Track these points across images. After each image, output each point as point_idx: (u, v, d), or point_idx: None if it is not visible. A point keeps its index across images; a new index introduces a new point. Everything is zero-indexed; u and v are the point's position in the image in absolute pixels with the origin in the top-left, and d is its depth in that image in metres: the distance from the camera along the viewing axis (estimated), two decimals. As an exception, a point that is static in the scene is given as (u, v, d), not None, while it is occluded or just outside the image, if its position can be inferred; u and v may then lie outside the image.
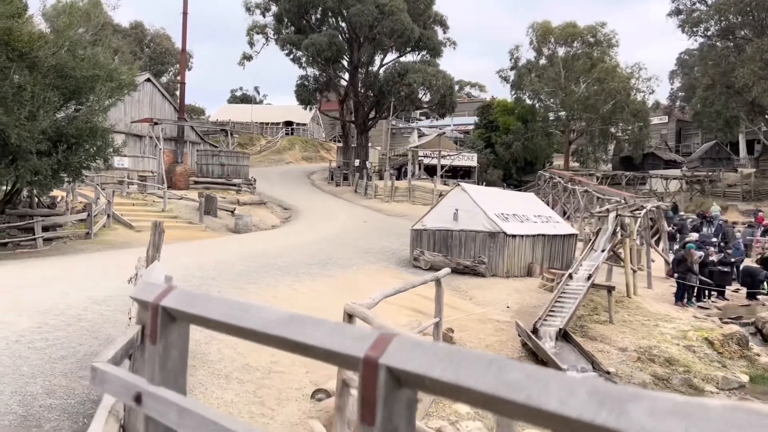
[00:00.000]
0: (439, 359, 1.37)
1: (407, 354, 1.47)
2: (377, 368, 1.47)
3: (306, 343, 1.74)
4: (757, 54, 31.46)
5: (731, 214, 36.22)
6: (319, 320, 1.79)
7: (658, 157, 51.24)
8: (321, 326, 1.76)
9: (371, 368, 1.49)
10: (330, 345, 1.67)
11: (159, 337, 2.36)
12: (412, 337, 1.64)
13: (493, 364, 1.23)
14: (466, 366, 1.27)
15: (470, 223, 15.95)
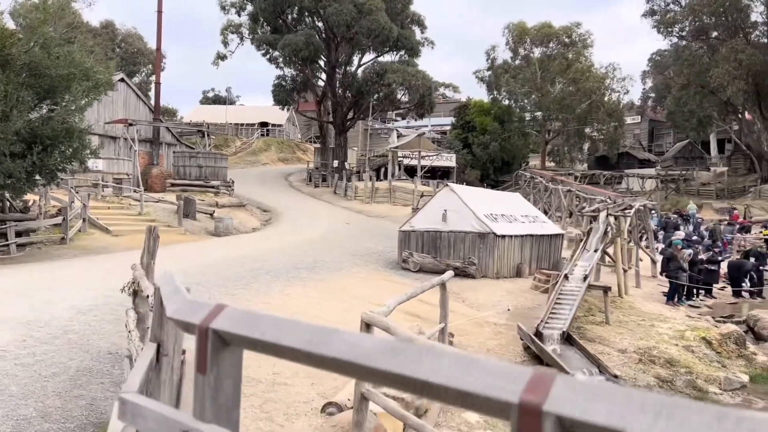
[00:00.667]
0: (636, 407, 1.06)
1: (580, 398, 1.16)
2: (540, 417, 1.16)
3: (424, 381, 1.42)
4: (731, 54, 31.96)
5: (706, 212, 36.74)
6: (434, 349, 1.47)
7: (632, 157, 51.87)
8: (440, 357, 1.44)
9: (531, 417, 1.18)
10: (461, 384, 1.35)
11: (210, 366, 2.01)
12: (579, 378, 1.32)
13: (725, 420, 0.93)
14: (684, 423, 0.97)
15: (459, 224, 15.74)
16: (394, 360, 1.51)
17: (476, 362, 1.40)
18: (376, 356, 1.56)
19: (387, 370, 1.50)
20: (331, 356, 1.66)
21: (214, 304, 2.11)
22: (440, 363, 1.40)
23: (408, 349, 1.52)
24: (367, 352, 1.57)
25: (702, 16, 35.25)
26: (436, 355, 1.42)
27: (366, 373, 1.60)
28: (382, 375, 1.54)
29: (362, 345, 1.60)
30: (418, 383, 1.42)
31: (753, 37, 34.77)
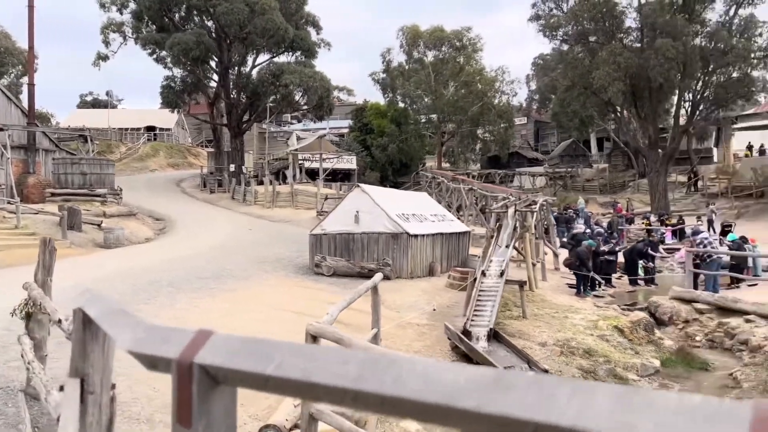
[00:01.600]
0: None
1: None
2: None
3: (552, 424, 0.96)
4: (611, 57, 34.06)
5: (591, 206, 38.98)
6: (561, 382, 1.03)
7: (522, 156, 54.22)
8: (584, 392, 0.98)
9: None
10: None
11: (197, 416, 1.45)
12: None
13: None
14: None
15: (372, 225, 15.44)
16: (505, 398, 1.03)
17: (644, 396, 0.96)
18: (474, 394, 1.08)
19: (499, 414, 1.02)
20: (400, 397, 1.15)
21: (194, 330, 1.54)
22: (593, 399, 0.94)
23: (520, 382, 1.05)
24: (459, 388, 1.09)
25: (583, 21, 37.33)
26: (568, 387, 0.98)
27: (459, 417, 1.12)
28: (487, 420, 1.05)
29: (447, 379, 1.12)
30: (546, 428, 0.97)
31: (628, 41, 37.30)
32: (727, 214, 31.69)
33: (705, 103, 36.95)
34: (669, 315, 13.38)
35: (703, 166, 41.32)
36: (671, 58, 32.79)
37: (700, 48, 34.75)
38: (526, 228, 14.51)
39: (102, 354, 2.73)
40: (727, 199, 35.30)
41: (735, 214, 31.44)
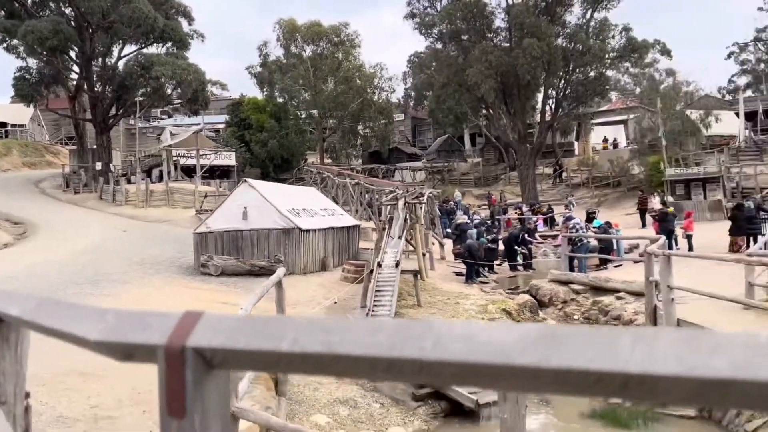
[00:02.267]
0: None
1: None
2: None
3: (631, 374, 0.94)
4: (483, 56, 35.72)
5: (468, 198, 40.75)
6: (607, 331, 1.01)
7: (401, 152, 55.42)
8: (646, 340, 0.98)
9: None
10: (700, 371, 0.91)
11: (191, 405, 1.28)
12: None
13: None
14: None
15: (262, 221, 15.04)
16: (566, 352, 0.99)
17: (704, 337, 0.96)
18: (531, 350, 1.03)
19: (563, 368, 0.97)
20: (443, 360, 1.07)
21: (178, 313, 1.36)
22: (657, 345, 0.93)
23: (576, 334, 1.02)
24: (513, 346, 1.03)
25: (456, 20, 38.80)
26: (628, 334, 0.96)
27: (515, 375, 1.06)
28: (548, 375, 1.01)
29: (496, 338, 1.06)
30: (614, 378, 0.94)
31: (498, 40, 39.32)
32: (589, 203, 34.44)
33: (567, 99, 39.82)
34: (549, 296, 14.26)
35: (567, 159, 44.53)
36: (537, 57, 34.96)
37: (563, 48, 37.36)
38: (416, 219, 14.84)
39: (15, 359, 2.38)
40: (588, 188, 38.32)
41: (596, 203, 34.20)
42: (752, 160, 30.87)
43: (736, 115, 39.17)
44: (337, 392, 7.40)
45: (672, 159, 31.02)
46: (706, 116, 34.13)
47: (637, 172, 36.03)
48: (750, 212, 17.47)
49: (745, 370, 0.80)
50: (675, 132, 33.46)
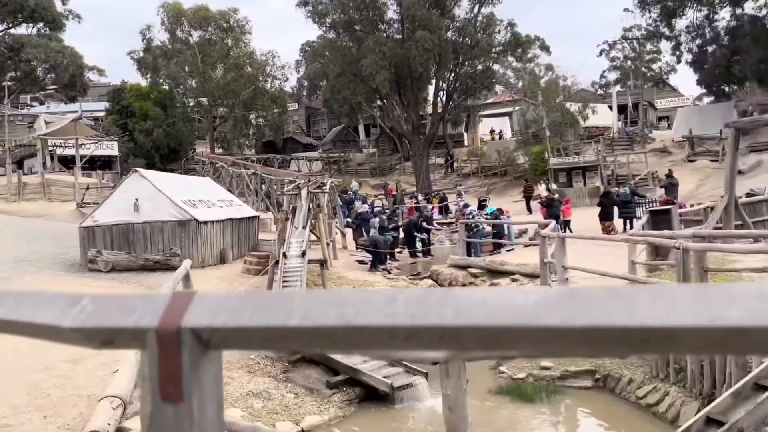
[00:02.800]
0: None
1: None
2: None
3: (646, 327, 1.02)
4: (377, 46, 36.02)
5: (365, 188, 41.06)
6: (625, 289, 1.09)
7: (296, 141, 54.79)
8: (659, 294, 1.05)
9: None
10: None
11: (187, 388, 1.21)
12: None
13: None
14: None
15: (155, 213, 14.30)
16: (590, 310, 1.04)
17: (693, 290, 1.05)
18: (555, 311, 1.07)
19: (587, 326, 1.03)
20: (467, 326, 1.09)
21: (165, 294, 1.27)
22: (674, 299, 1.00)
23: (596, 294, 1.08)
24: (536, 308, 1.07)
25: (348, 10, 38.82)
26: (645, 292, 1.03)
27: (539, 337, 1.10)
28: (572, 334, 1.05)
29: (518, 302, 1.09)
30: (636, 333, 1.01)
31: (391, 32, 39.79)
32: (479, 191, 35.89)
33: (457, 92, 41.10)
34: (449, 281, 14.73)
35: (458, 150, 46.04)
36: (429, 49, 35.77)
37: (453, 42, 38.46)
38: (319, 209, 14.75)
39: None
40: (478, 177, 39.86)
41: (485, 191, 35.67)
42: (624, 149, 33.50)
43: (610, 108, 42.29)
44: (249, 385, 7.22)
45: (554, 149, 32.97)
46: (584, 109, 36.55)
47: (523, 162, 37.97)
48: (626, 197, 18.97)
49: (759, 318, 0.87)
50: (556, 123, 35.57)
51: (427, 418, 7.49)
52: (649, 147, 33.88)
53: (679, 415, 6.67)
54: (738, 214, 13.74)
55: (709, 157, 29.90)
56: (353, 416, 7.46)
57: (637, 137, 36.60)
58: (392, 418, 7.47)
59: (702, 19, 34.53)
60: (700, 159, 30.28)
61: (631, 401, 7.51)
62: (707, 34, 34.23)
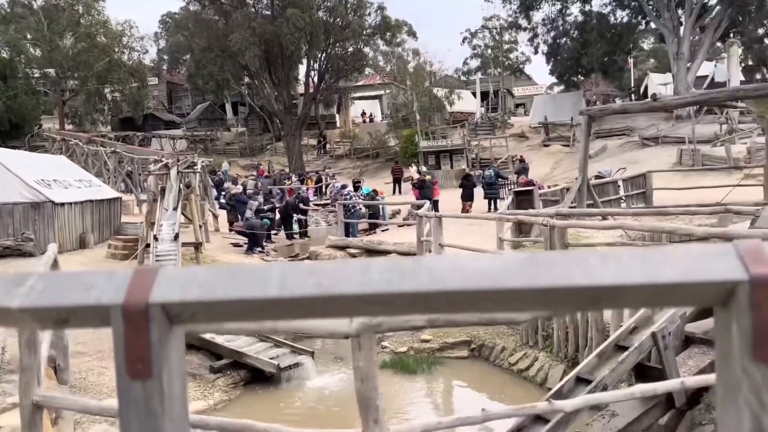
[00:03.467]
0: None
1: None
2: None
3: (603, 286, 1.18)
4: (245, 22, 34.86)
5: (234, 168, 39.85)
6: (579, 254, 1.25)
7: (158, 118, 51.84)
8: (607, 257, 1.22)
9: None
10: (655, 278, 1.18)
11: (156, 364, 1.19)
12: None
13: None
14: None
15: (3, 194, 12.91)
16: (550, 272, 1.17)
17: (655, 252, 1.22)
18: (520, 274, 1.19)
19: (548, 286, 1.16)
20: (442, 290, 1.18)
21: (125, 270, 1.22)
22: (622, 261, 1.16)
23: (555, 258, 1.21)
24: (503, 272, 1.18)
25: (215, -19, 37.23)
26: (595, 256, 1.18)
27: (507, 298, 1.21)
28: (536, 294, 1.18)
29: (485, 267, 1.20)
30: (588, 292, 1.16)
31: (260, 7, 38.67)
32: (352, 173, 36.25)
33: (329, 72, 40.99)
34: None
35: (330, 131, 46.05)
36: (300, 27, 35.25)
37: (324, 21, 38.20)
38: (190, 189, 14.11)
39: None
40: (350, 159, 40.20)
41: (358, 173, 36.10)
42: (487, 134, 35.40)
43: (473, 94, 44.36)
44: (126, 375, 6.81)
45: (423, 132, 34.07)
46: (450, 94, 38.04)
47: (393, 145, 38.84)
48: (491, 179, 20.11)
49: (690, 275, 1.03)
50: (425, 108, 36.73)
51: (315, 397, 7.55)
52: (508, 132, 36.07)
53: (547, 377, 7.30)
54: (589, 194, 15.10)
55: (562, 142, 32.46)
56: (239, 399, 7.33)
57: (498, 123, 38.77)
58: (279, 398, 7.43)
59: (556, 13, 37.18)
60: (554, 144, 32.77)
61: (504, 368, 8.07)
62: (560, 28, 36.92)
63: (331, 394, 7.62)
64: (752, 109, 14.13)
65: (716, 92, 14.02)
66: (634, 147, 28.63)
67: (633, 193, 17.34)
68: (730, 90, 14.78)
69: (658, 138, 28.53)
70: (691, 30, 31.49)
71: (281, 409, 7.19)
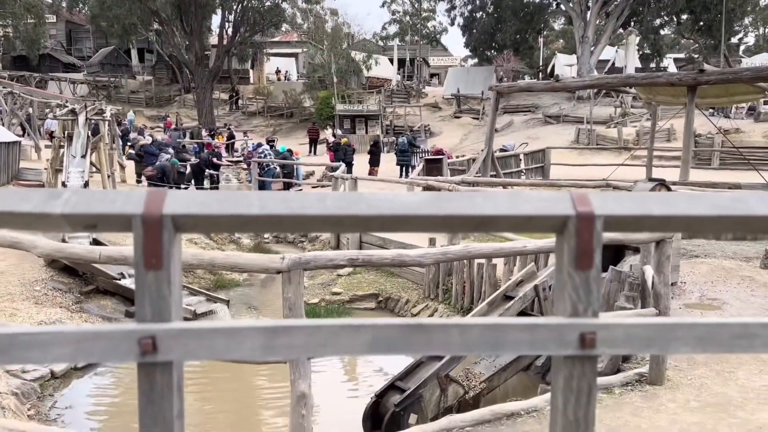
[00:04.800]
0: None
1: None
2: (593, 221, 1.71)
3: (483, 215, 1.74)
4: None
5: (140, 119, 38.22)
6: (473, 193, 1.80)
7: (56, 60, 48.45)
8: (489, 195, 1.78)
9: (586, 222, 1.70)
10: (515, 211, 1.74)
11: (166, 259, 1.66)
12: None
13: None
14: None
15: None
16: (451, 205, 1.74)
17: (520, 194, 1.79)
18: (430, 205, 1.74)
19: (451, 214, 1.72)
20: (377, 215, 1.72)
21: (141, 190, 1.65)
22: (496, 199, 1.73)
23: (454, 196, 1.77)
24: (419, 203, 1.72)
25: None
26: (480, 195, 1.75)
27: (421, 222, 1.77)
28: (442, 219, 1.75)
29: (407, 200, 1.73)
30: (475, 219, 1.73)
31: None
32: (265, 131, 35.84)
33: (244, 25, 39.85)
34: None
35: (242, 86, 44.96)
36: (217, -24, 33.99)
37: (242, -28, 36.97)
38: (99, 137, 13.69)
39: None
40: (264, 117, 39.62)
41: (272, 131, 35.74)
42: (402, 102, 36.00)
43: (391, 61, 44.69)
44: (38, 316, 6.86)
45: (339, 95, 34.16)
46: (369, 59, 38.20)
47: (309, 105, 38.65)
48: (404, 147, 20.76)
49: (543, 209, 1.58)
50: (342, 71, 36.72)
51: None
52: (423, 102, 36.86)
53: (445, 327, 8.03)
54: (493, 166, 16.08)
55: (472, 114, 33.67)
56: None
57: (413, 91, 39.47)
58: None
59: (474, -14, 38.00)
60: (464, 116, 33.92)
61: (408, 318, 8.77)
62: (477, 2, 37.84)
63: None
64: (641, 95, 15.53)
65: (611, 78, 15.26)
66: (537, 124, 30.25)
67: (533, 167, 18.57)
68: (623, 77, 16.10)
69: (560, 116, 30.30)
70: (596, 15, 33.32)
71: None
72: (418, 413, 5.53)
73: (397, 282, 9.40)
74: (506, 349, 1.99)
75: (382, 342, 1.94)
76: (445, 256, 4.23)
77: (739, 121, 23.56)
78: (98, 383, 6.44)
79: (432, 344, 1.95)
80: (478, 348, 1.98)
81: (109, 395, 6.28)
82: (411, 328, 1.95)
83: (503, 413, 4.34)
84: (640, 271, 6.05)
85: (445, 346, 1.95)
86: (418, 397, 5.54)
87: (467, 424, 4.21)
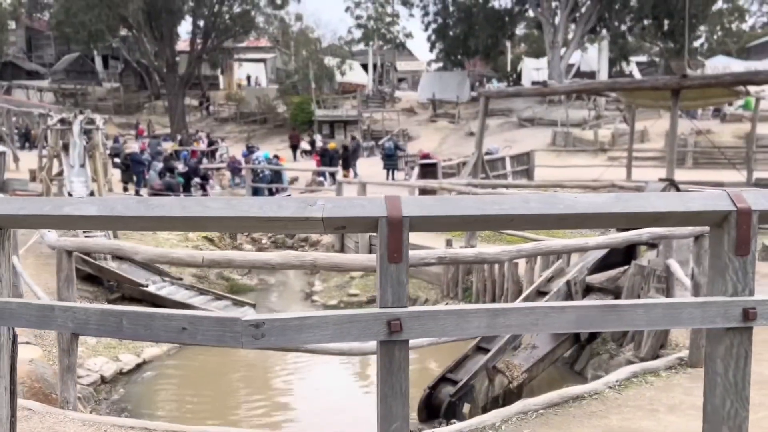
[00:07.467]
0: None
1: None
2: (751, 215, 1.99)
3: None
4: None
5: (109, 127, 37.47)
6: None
7: (19, 68, 47.24)
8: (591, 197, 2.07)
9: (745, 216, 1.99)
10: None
11: (405, 254, 1.92)
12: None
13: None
14: None
15: None
16: (628, 203, 2.04)
17: (685, 194, 2.11)
18: (613, 205, 2.03)
19: (630, 212, 2.02)
20: (574, 213, 1.99)
21: (379, 197, 1.92)
22: (666, 198, 2.05)
23: (628, 196, 2.07)
24: (603, 204, 2.02)
25: None
26: (653, 195, 2.06)
27: (607, 219, 2.11)
28: (623, 217, 2.06)
29: (594, 200, 2.03)
30: (652, 215, 2.03)
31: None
32: (238, 137, 35.63)
33: (216, 31, 39.58)
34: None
35: (213, 92, 44.57)
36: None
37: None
38: (94, 146, 13.55)
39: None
40: (237, 123, 39.37)
41: (246, 138, 35.55)
42: (378, 107, 36.30)
43: (363, 66, 44.94)
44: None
45: (315, 101, 34.25)
46: (342, 64, 38.38)
47: (282, 111, 38.57)
48: (390, 151, 21.04)
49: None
50: (316, 76, 36.81)
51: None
52: (398, 106, 37.22)
53: (467, 326, 8.28)
54: (483, 169, 16.50)
55: (448, 119, 34.16)
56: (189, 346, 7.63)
57: (387, 96, 39.81)
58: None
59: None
60: (440, 120, 34.39)
61: (427, 319, 9.00)
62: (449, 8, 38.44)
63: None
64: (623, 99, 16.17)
65: (597, 82, 15.89)
66: (512, 127, 30.89)
67: (518, 169, 19.06)
68: (608, 81, 16.72)
69: (534, 119, 31.02)
70: (566, 21, 34.26)
71: (229, 354, 7.61)
72: (470, 402, 5.80)
73: (413, 282, 9.63)
74: (682, 324, 2.29)
75: (585, 319, 2.23)
76: (519, 253, 4.51)
77: (707, 122, 24.62)
78: (144, 387, 6.51)
79: (622, 321, 2.24)
80: (660, 323, 2.28)
81: (160, 398, 6.36)
82: (606, 308, 2.24)
83: (570, 396, 4.64)
84: (664, 264, 6.45)
85: (633, 322, 2.24)
86: (470, 388, 5.81)
87: (540, 407, 4.48)
